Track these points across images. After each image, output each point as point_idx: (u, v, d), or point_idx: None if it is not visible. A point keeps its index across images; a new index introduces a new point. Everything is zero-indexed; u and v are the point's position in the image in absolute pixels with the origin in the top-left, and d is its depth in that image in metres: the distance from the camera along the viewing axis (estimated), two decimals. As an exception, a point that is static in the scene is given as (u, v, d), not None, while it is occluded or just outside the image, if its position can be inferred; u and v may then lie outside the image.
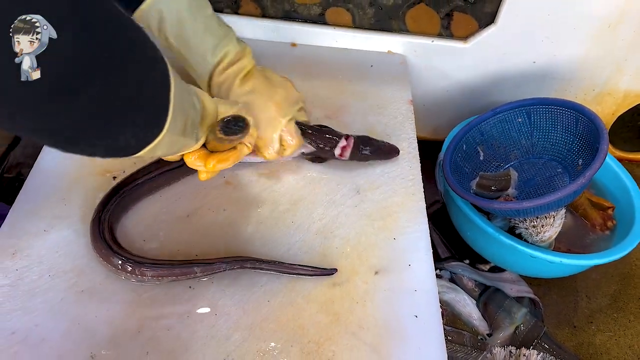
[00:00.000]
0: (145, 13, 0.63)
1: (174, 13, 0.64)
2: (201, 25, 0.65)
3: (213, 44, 0.66)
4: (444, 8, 0.92)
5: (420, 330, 0.59)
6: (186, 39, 0.65)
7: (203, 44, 0.66)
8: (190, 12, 0.64)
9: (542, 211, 0.79)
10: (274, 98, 0.68)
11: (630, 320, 0.92)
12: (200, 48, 0.66)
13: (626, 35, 0.94)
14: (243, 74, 0.68)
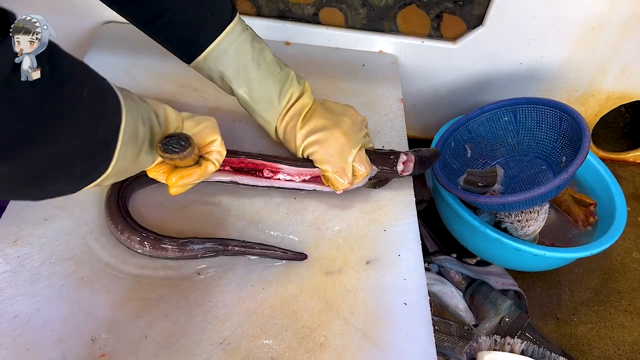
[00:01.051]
0: (205, 64, 0.64)
1: (239, 64, 0.64)
2: (265, 73, 0.66)
3: (278, 90, 0.67)
4: (434, 10, 0.95)
5: (409, 317, 0.62)
6: (251, 88, 0.66)
7: (269, 91, 0.67)
8: (255, 62, 0.65)
9: (527, 205, 0.82)
10: (341, 129, 0.68)
11: (610, 313, 0.95)
12: (266, 95, 0.67)
13: (609, 39, 0.97)
14: (305, 112, 0.68)
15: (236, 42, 0.64)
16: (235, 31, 0.64)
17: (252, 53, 0.65)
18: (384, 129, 0.84)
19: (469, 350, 0.83)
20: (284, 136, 0.69)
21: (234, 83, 0.66)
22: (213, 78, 0.67)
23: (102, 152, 0.44)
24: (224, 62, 0.64)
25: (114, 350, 0.55)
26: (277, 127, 0.69)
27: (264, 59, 0.66)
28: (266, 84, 0.66)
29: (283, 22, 0.97)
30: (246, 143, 0.78)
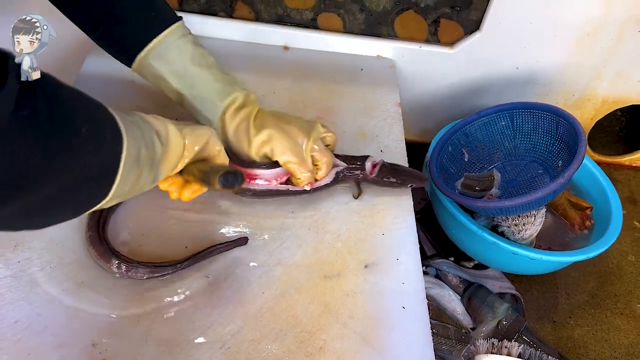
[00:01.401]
0: (146, 61, 0.65)
1: (180, 62, 0.65)
2: (206, 73, 0.67)
3: (218, 90, 0.68)
4: (432, 15, 0.96)
5: (407, 321, 0.62)
6: (191, 86, 0.67)
7: (210, 90, 0.67)
8: (195, 62, 0.66)
9: (524, 210, 0.83)
10: (294, 124, 0.69)
11: (606, 316, 0.95)
12: (207, 95, 0.67)
13: (604, 44, 0.98)
14: (253, 115, 0.69)
15: (178, 41, 0.65)
16: (177, 31, 0.65)
17: (194, 53, 0.66)
18: (382, 133, 0.85)
19: (467, 353, 0.83)
20: (234, 138, 0.69)
21: (174, 81, 0.66)
22: (155, 77, 0.67)
23: (105, 179, 0.44)
24: (166, 59, 0.65)
25: (115, 355, 0.55)
26: (221, 128, 0.69)
27: (205, 61, 0.67)
28: (207, 83, 0.67)
29: (282, 27, 0.98)
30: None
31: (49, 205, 0.40)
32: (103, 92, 0.82)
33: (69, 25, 0.66)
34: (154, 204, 0.69)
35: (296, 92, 0.90)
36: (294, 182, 0.69)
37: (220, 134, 0.70)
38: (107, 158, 0.44)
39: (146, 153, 0.49)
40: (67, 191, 0.40)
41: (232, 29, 0.98)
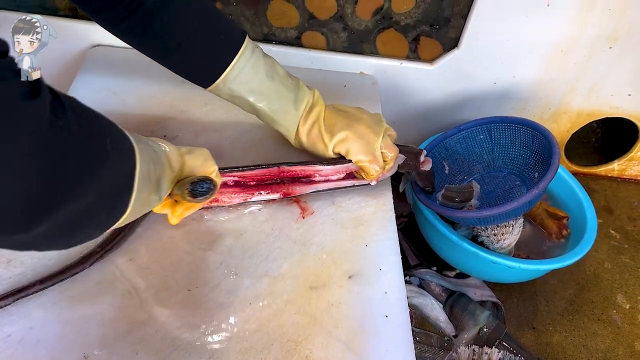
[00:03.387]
0: (224, 86, 0.68)
1: (256, 80, 0.69)
2: (279, 85, 0.71)
3: (293, 98, 0.72)
4: (412, 33, 0.99)
5: (390, 329, 0.65)
6: (269, 101, 0.71)
7: (286, 101, 0.71)
8: (269, 76, 0.70)
9: (501, 220, 0.86)
10: (363, 123, 0.73)
11: (584, 322, 0.99)
12: (284, 105, 0.72)
13: (577, 60, 1.02)
14: (322, 116, 0.74)
15: (250, 60, 0.68)
16: (247, 50, 0.68)
17: (265, 68, 0.70)
18: (364, 148, 0.87)
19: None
20: (308, 141, 0.75)
21: (253, 99, 0.70)
22: (232, 97, 0.71)
23: (123, 195, 0.45)
24: (242, 81, 0.68)
25: (106, 366, 0.57)
26: (297, 134, 0.74)
27: (276, 72, 0.71)
28: (282, 94, 0.71)
29: (267, 45, 1.00)
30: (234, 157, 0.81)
31: (75, 223, 0.40)
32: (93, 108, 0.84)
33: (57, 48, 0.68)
34: (143, 219, 0.71)
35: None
36: (365, 177, 0.74)
37: (295, 142, 0.75)
38: (125, 172, 0.45)
39: (154, 169, 0.51)
40: (92, 208, 0.41)
41: (218, 47, 1.00)
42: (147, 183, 0.49)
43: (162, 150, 0.55)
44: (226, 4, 0.95)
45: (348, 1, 0.94)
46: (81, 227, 0.42)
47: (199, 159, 0.61)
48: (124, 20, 0.62)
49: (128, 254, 0.67)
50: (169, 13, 0.63)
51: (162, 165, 0.54)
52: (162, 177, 0.54)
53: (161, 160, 0.54)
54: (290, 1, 0.95)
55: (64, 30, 0.96)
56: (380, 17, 0.97)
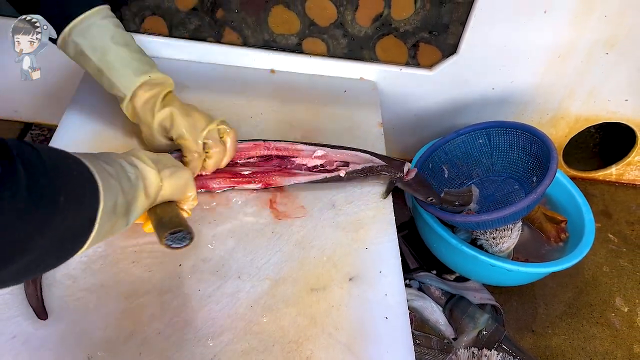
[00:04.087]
0: (70, 37, 0.68)
1: (102, 38, 0.70)
2: (126, 50, 0.71)
3: (136, 66, 0.71)
4: (411, 39, 1.00)
5: (390, 330, 0.65)
6: (108, 62, 0.70)
7: (127, 64, 0.71)
8: (115, 40, 0.70)
9: (500, 224, 0.86)
10: (196, 111, 0.73)
11: (582, 325, 0.99)
12: (123, 68, 0.71)
13: (575, 65, 1.04)
14: (162, 95, 0.72)
15: (101, 21, 0.70)
16: (101, 12, 0.70)
17: (115, 32, 0.71)
18: (364, 153, 0.88)
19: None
20: (141, 110, 0.72)
21: (94, 56, 0.70)
22: (76, 53, 0.70)
23: (83, 234, 0.47)
24: (87, 36, 0.69)
25: (110, 367, 0.58)
26: (131, 100, 0.72)
27: (124, 40, 0.72)
28: (125, 59, 0.71)
29: (268, 52, 1.02)
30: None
31: (34, 264, 0.42)
32: (95, 118, 0.85)
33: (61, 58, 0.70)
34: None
35: (283, 113, 0.93)
36: (183, 160, 0.72)
37: (128, 105, 0.73)
38: (85, 215, 0.46)
39: (122, 201, 0.52)
40: (49, 251, 0.43)
41: (220, 54, 1.01)
42: (111, 216, 0.50)
43: (138, 178, 0.56)
44: (228, 10, 0.97)
45: (348, 8, 0.95)
46: (41, 266, 0.44)
47: (179, 183, 0.62)
48: None
49: (131, 257, 0.68)
50: None
51: (134, 194, 0.55)
52: (133, 205, 0.55)
53: (135, 189, 0.55)
54: (291, 8, 0.96)
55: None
56: (380, 24, 0.98)
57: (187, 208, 0.66)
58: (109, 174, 0.50)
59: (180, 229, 0.58)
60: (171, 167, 0.62)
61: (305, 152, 0.79)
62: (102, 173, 0.49)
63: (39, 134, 1.15)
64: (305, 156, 0.79)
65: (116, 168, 0.52)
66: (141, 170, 0.57)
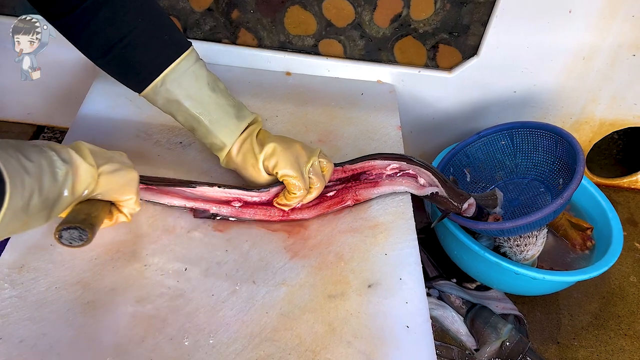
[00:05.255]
0: (162, 86, 0.65)
1: (197, 87, 0.66)
2: (221, 97, 0.68)
3: (234, 113, 0.69)
4: (430, 41, 0.98)
5: (411, 340, 0.62)
6: (208, 111, 0.67)
7: (226, 114, 0.69)
8: (211, 87, 0.68)
9: (524, 230, 0.83)
10: (298, 143, 0.71)
11: (610, 337, 0.95)
12: (224, 118, 0.68)
13: (599, 67, 1.01)
14: (256, 132, 0.71)
15: (194, 66, 0.66)
16: (191, 57, 0.67)
17: (208, 79, 0.68)
18: (383, 156, 0.86)
19: (471, 375, 0.83)
20: (239, 155, 0.70)
21: (190, 104, 0.67)
22: (169, 102, 0.67)
23: None
24: (182, 85, 0.66)
25: (120, 374, 0.55)
26: (230, 151, 0.70)
27: (218, 85, 0.69)
28: (223, 107, 0.68)
29: (284, 53, 1.00)
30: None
31: None
32: (109, 117, 0.84)
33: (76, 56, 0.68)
34: (159, 225, 0.70)
35: (299, 116, 0.91)
36: (286, 197, 0.70)
37: (227, 155, 0.71)
38: None
39: (39, 200, 0.49)
40: None
41: (235, 56, 1.00)
42: (21, 215, 0.47)
43: (68, 174, 0.53)
44: (243, 11, 0.95)
45: (366, 8, 0.93)
46: None
47: (119, 182, 0.59)
48: (71, 13, 0.60)
49: (143, 260, 0.66)
50: (115, 5, 0.61)
51: (58, 191, 0.52)
52: (55, 203, 0.52)
53: (60, 186, 0.52)
54: (308, 9, 0.95)
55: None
56: (399, 25, 0.96)
57: (126, 212, 0.63)
58: (26, 170, 0.47)
59: (78, 226, 0.55)
60: (116, 164, 0.59)
61: (379, 166, 0.76)
62: (14, 169, 0.45)
63: (51, 137, 1.15)
64: (381, 168, 0.77)
65: (40, 162, 0.49)
66: (75, 165, 0.54)
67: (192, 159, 0.80)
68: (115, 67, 0.67)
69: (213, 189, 0.71)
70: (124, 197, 0.61)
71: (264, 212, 0.72)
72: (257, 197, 0.72)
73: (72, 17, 0.61)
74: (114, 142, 0.80)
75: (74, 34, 0.64)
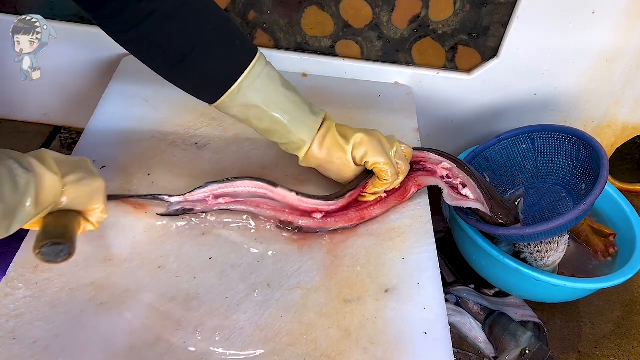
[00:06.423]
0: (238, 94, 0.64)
1: (272, 88, 0.65)
2: (295, 95, 0.68)
3: (309, 110, 0.68)
4: (449, 42, 0.97)
5: (429, 347, 0.61)
6: (286, 110, 0.66)
7: (303, 112, 0.67)
8: (285, 86, 0.67)
9: (546, 236, 0.81)
10: (377, 131, 0.72)
11: (634, 347, 0.92)
12: (301, 116, 0.67)
13: (623, 70, 0.98)
14: (334, 128, 0.70)
15: (266, 68, 0.65)
16: (262, 59, 0.65)
17: (281, 78, 0.67)
18: (400, 158, 0.84)
19: (489, 383, 0.81)
20: (322, 150, 0.69)
21: (270, 107, 0.65)
22: (246, 107, 0.65)
23: None
24: (258, 88, 0.64)
25: (132, 377, 0.55)
26: (311, 148, 0.69)
27: (289, 85, 0.68)
28: (299, 105, 0.67)
29: (300, 55, 0.99)
30: (266, 169, 0.79)
31: None
32: (125, 117, 0.84)
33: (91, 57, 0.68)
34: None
35: (314, 117, 0.90)
36: (376, 185, 0.71)
37: (307, 154, 0.69)
38: None
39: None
40: None
41: (251, 56, 0.99)
42: None
43: (29, 184, 0.48)
44: (260, 12, 0.95)
45: (384, 9, 0.92)
46: None
47: (86, 191, 0.56)
48: (136, 26, 0.59)
49: (157, 262, 0.65)
50: (183, 16, 0.60)
51: (19, 201, 0.47)
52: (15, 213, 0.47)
53: (21, 196, 0.48)
54: (325, 10, 0.94)
55: (98, 38, 0.96)
56: (417, 26, 0.94)
57: (93, 220, 0.59)
58: None
59: (59, 242, 0.52)
60: (82, 173, 0.55)
61: (432, 160, 0.76)
62: None
63: (67, 137, 1.15)
64: (433, 163, 0.76)
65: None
66: (38, 174, 0.49)
67: (208, 159, 0.80)
68: (186, 80, 0.66)
69: (291, 195, 0.70)
70: (92, 206, 0.57)
71: (345, 219, 0.72)
72: (333, 205, 0.72)
73: (140, 28, 0.59)
74: (130, 142, 0.80)
75: (139, 47, 0.63)
